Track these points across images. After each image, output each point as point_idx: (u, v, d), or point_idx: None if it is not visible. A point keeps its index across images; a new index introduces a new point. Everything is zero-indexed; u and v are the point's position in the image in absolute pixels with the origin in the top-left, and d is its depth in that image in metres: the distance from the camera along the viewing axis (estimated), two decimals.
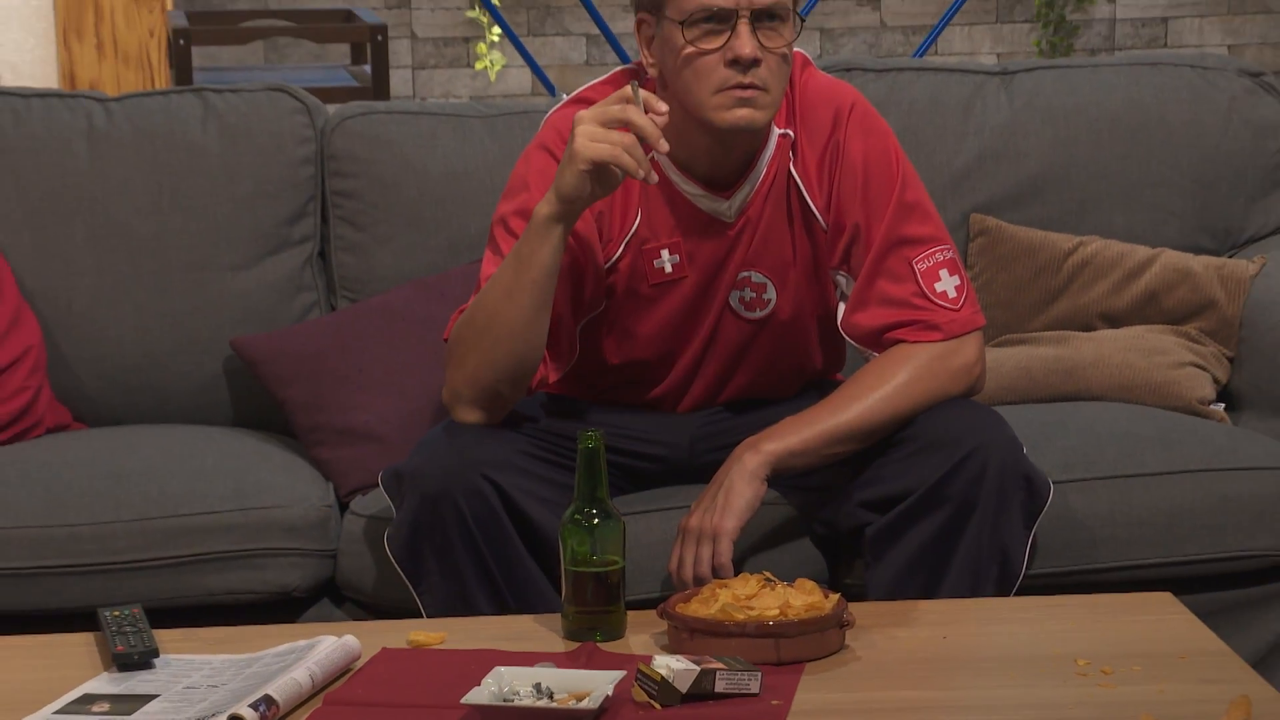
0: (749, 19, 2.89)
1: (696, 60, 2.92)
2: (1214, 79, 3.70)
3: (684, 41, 2.92)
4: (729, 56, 2.90)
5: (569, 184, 2.81)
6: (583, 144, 2.78)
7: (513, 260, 2.89)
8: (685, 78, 2.93)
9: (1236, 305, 3.48)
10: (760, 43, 2.90)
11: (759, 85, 2.91)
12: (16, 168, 3.55)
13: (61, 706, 2.48)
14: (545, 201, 2.85)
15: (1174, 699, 2.44)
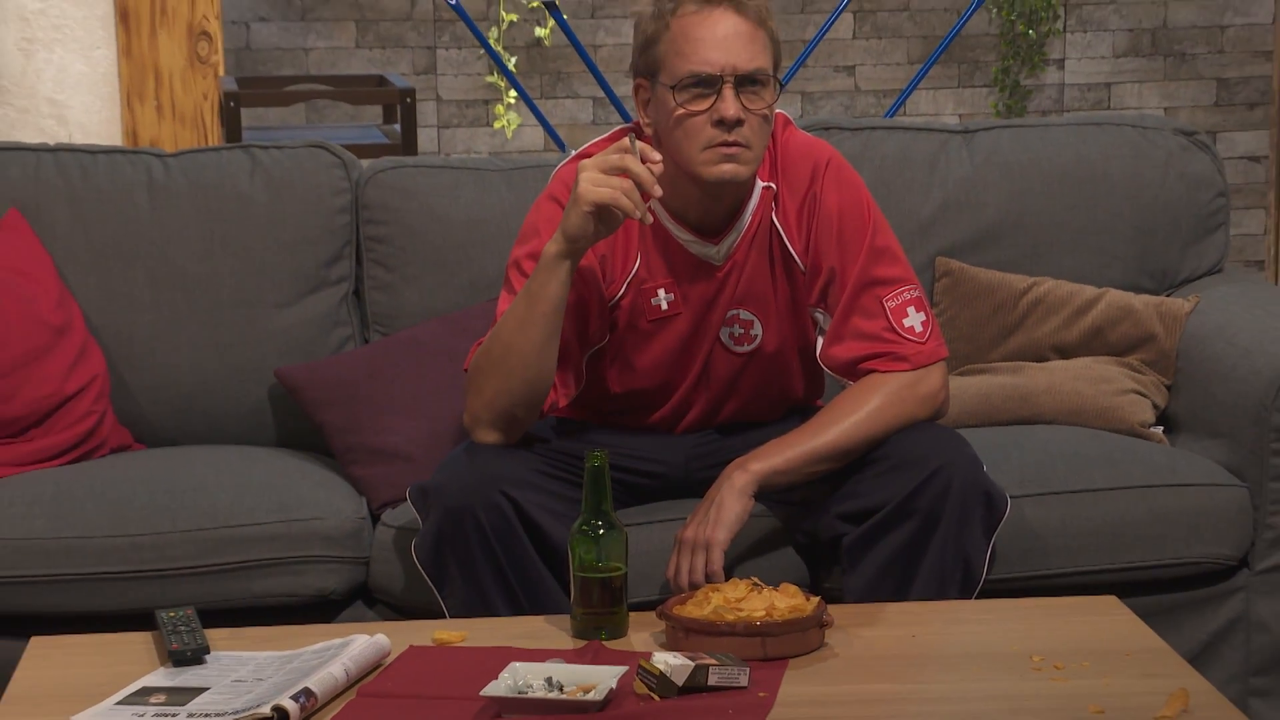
0: (733, 84, 2.90)
1: (686, 120, 2.93)
2: (1152, 137, 3.70)
3: (675, 104, 2.93)
4: (715, 117, 2.91)
5: (574, 224, 2.83)
6: (586, 188, 2.80)
7: (524, 296, 2.90)
8: (677, 136, 2.94)
9: (1173, 339, 3.48)
10: (743, 105, 2.91)
11: (742, 143, 2.92)
12: (84, 216, 3.55)
13: (123, 697, 2.47)
14: (553, 241, 2.86)
15: (1119, 691, 2.43)
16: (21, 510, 3.16)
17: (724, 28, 2.93)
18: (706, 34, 2.92)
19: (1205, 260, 3.69)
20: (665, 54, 2.95)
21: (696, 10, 2.94)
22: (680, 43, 2.94)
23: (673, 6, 2.95)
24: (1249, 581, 3.25)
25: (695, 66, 2.92)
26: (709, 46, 2.92)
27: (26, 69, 5.11)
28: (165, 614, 2.71)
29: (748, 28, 2.94)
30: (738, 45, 2.93)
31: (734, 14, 2.93)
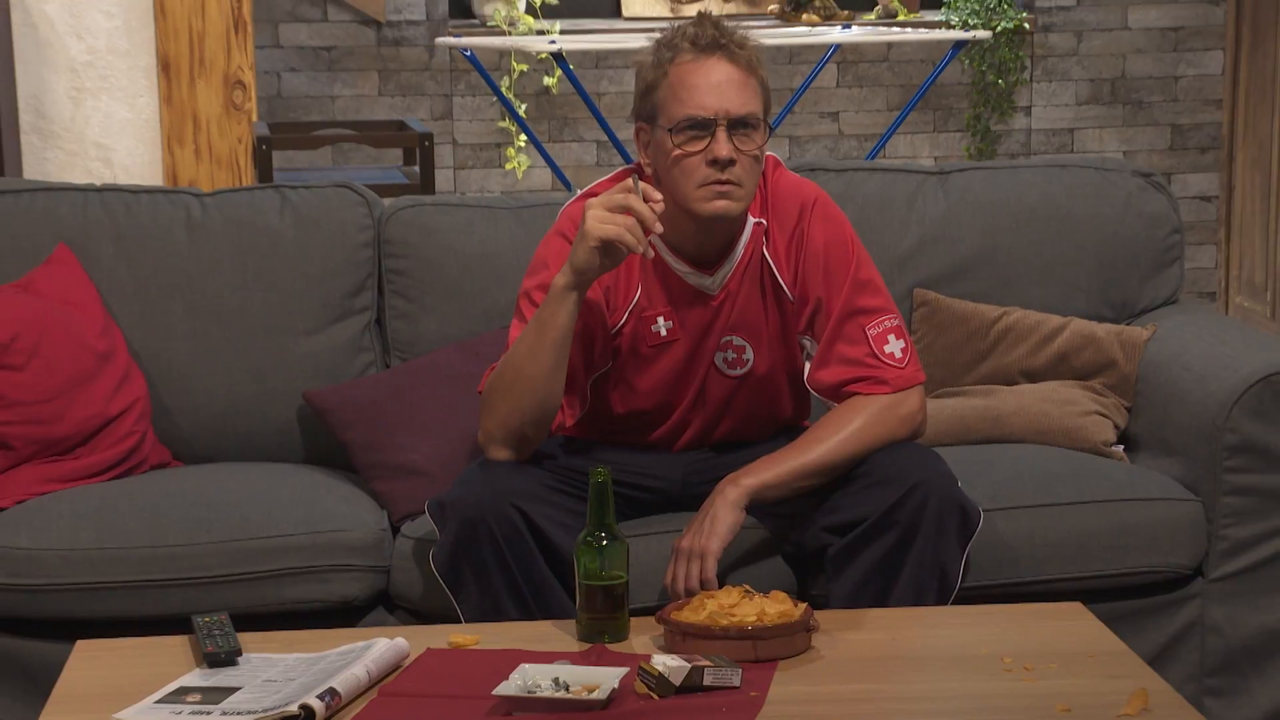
0: (725, 126, 2.91)
1: (683, 160, 2.93)
2: (1113, 178, 3.70)
3: (673, 145, 2.93)
4: (709, 157, 2.91)
5: (582, 258, 2.84)
6: (594, 225, 2.82)
7: (535, 324, 2.90)
8: (674, 175, 2.95)
9: (1133, 364, 3.47)
10: (735, 146, 2.91)
11: (734, 181, 2.92)
12: (127, 251, 3.54)
13: (161, 696, 2.47)
14: (561, 274, 2.88)
15: (1084, 691, 2.44)
16: (68, 523, 3.15)
17: (717, 75, 2.93)
18: (701, 81, 2.93)
19: (1162, 292, 3.69)
20: (664, 99, 2.96)
21: (692, 59, 2.94)
22: (677, 89, 2.94)
23: (670, 55, 2.96)
24: (1204, 589, 3.24)
25: (691, 111, 2.92)
26: (703, 92, 2.92)
27: (75, 115, 5.12)
28: (201, 619, 2.71)
29: (739, 75, 2.94)
30: (730, 91, 2.93)
31: (727, 62, 2.94)
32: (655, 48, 3.00)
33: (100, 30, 5.09)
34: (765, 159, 3.09)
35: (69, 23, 5.07)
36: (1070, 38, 6.74)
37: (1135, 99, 6.78)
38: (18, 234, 3.53)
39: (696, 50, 2.95)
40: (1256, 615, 3.24)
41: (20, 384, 3.28)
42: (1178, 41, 6.75)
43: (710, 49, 2.95)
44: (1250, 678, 3.25)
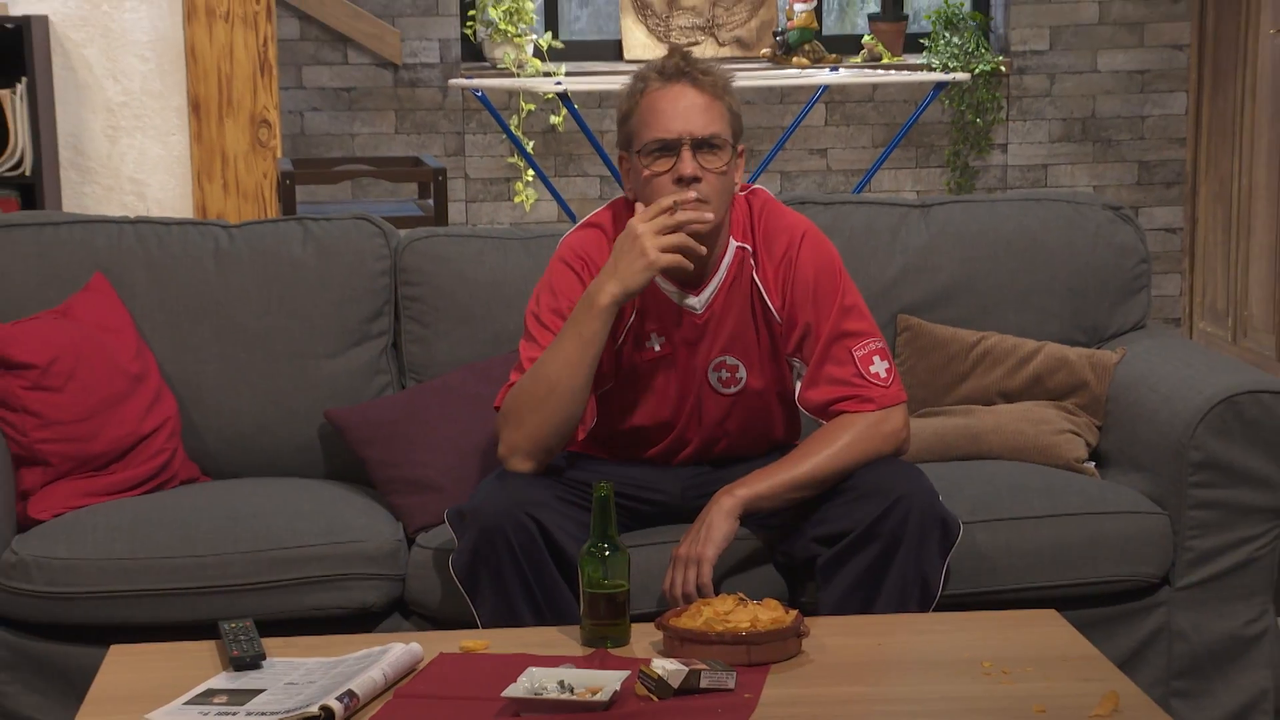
0: (690, 146, 2.93)
1: (653, 180, 2.97)
2: (1084, 211, 3.70)
3: (644, 167, 2.96)
4: (675, 176, 2.93)
5: (639, 280, 2.90)
6: (655, 255, 2.88)
7: (574, 340, 2.92)
8: (646, 195, 2.98)
9: (1104, 386, 3.47)
10: (700, 164, 2.93)
11: (701, 197, 2.92)
12: (160, 279, 3.55)
13: (190, 698, 2.47)
14: (607, 293, 2.91)
15: (1059, 693, 2.43)
16: (104, 534, 3.15)
17: (684, 100, 2.96)
18: (668, 106, 2.96)
19: (1130, 318, 3.69)
20: (637, 126, 2.99)
21: (660, 87, 2.97)
22: (647, 115, 2.97)
23: (642, 86, 3.00)
24: (1170, 597, 3.23)
25: (657, 134, 2.95)
26: (669, 116, 2.95)
27: (112, 152, 5.12)
28: (227, 625, 2.70)
29: (704, 100, 2.97)
30: (694, 114, 2.95)
31: (691, 88, 2.97)
32: (631, 79, 3.03)
33: (135, 73, 5.09)
34: (754, 191, 3.10)
35: (106, 66, 5.08)
36: (1044, 80, 6.75)
37: (1104, 137, 6.79)
38: (57, 263, 3.53)
39: (663, 79, 2.98)
40: (1220, 622, 3.23)
41: (58, 404, 3.28)
42: (1144, 84, 6.76)
43: (676, 77, 2.98)
44: (1214, 681, 3.24)
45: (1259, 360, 5.83)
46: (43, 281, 3.51)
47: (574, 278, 3.03)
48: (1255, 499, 3.19)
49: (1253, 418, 3.17)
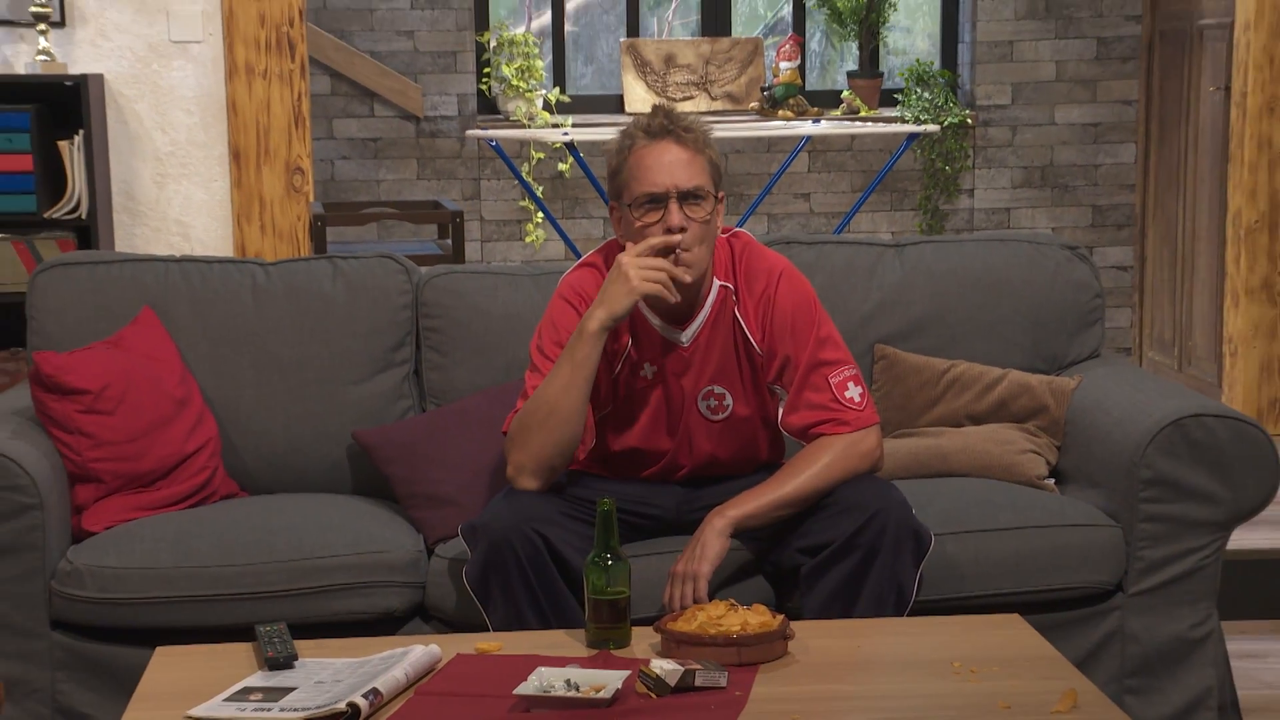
0: (677, 198, 2.93)
1: (644, 230, 2.96)
2: (1044, 251, 3.70)
3: (634, 218, 2.96)
4: (664, 226, 2.94)
5: (623, 306, 2.90)
6: (639, 282, 2.88)
7: (568, 365, 2.91)
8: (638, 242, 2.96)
9: (1062, 409, 3.47)
10: (686, 214, 2.93)
11: (684, 246, 2.93)
12: (202, 312, 3.54)
13: (228, 695, 2.47)
14: (595, 319, 2.91)
15: (1022, 690, 2.43)
16: (150, 545, 3.14)
17: (669, 156, 2.95)
18: (654, 162, 2.95)
19: (1086, 348, 3.68)
20: (626, 180, 2.98)
21: (647, 144, 2.97)
22: (635, 170, 2.96)
23: (630, 143, 2.99)
24: (1123, 602, 3.22)
25: (646, 188, 2.95)
26: (656, 171, 2.95)
27: (159, 197, 5.13)
28: (262, 628, 2.69)
29: (687, 155, 2.96)
30: (679, 169, 2.95)
31: (675, 144, 2.96)
32: (619, 136, 3.03)
33: (181, 125, 5.10)
34: (736, 234, 3.11)
35: (155, 119, 5.09)
36: (1006, 131, 6.76)
37: (1062, 183, 6.80)
38: (109, 298, 3.53)
39: (649, 136, 2.97)
40: (1169, 625, 3.22)
41: (110, 426, 3.27)
42: (1097, 135, 6.77)
43: (660, 134, 2.97)
44: (1164, 679, 3.23)
45: (1202, 386, 5.83)
46: (96, 315, 3.51)
47: (572, 312, 3.04)
48: (1200, 513, 3.18)
49: (1197, 439, 3.16)
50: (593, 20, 6.99)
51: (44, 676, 3.13)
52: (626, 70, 6.70)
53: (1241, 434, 3.17)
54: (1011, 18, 6.67)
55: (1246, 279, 5.43)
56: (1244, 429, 3.17)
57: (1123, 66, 6.71)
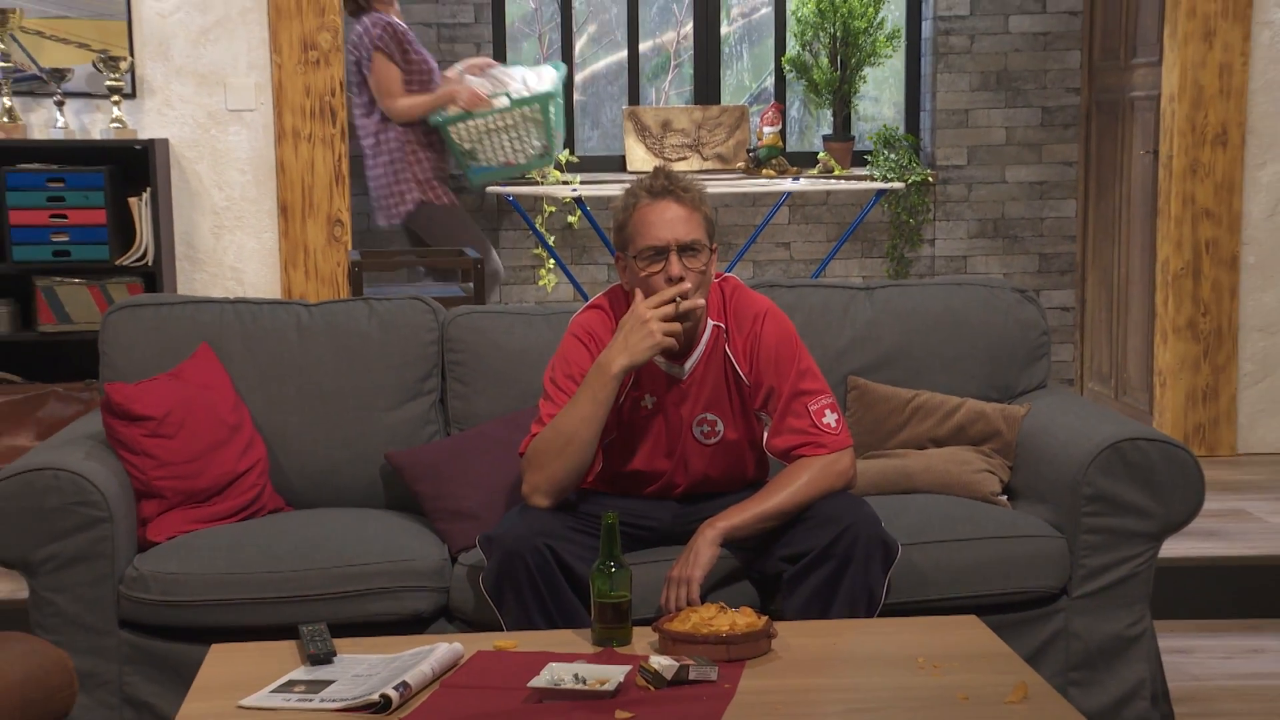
0: (676, 251, 2.93)
1: (648, 279, 2.96)
2: (997, 294, 3.70)
3: (639, 268, 2.96)
4: (666, 275, 2.93)
5: (644, 355, 2.91)
6: (660, 336, 2.89)
7: (589, 401, 2.91)
8: (643, 289, 2.97)
9: (1013, 434, 3.46)
10: (684, 265, 2.93)
11: (684, 295, 2.95)
12: (253, 348, 3.54)
13: (275, 687, 2.46)
14: (618, 364, 2.91)
15: (979, 683, 2.42)
16: (206, 554, 3.13)
17: (670, 213, 2.96)
18: (656, 218, 2.95)
19: (1034, 379, 3.68)
20: (631, 234, 2.98)
21: (650, 202, 2.97)
22: (640, 225, 2.96)
23: (634, 201, 2.99)
24: (1068, 604, 3.21)
25: (650, 241, 2.95)
26: (659, 227, 2.95)
27: (216, 246, 5.13)
28: (305, 628, 2.69)
29: (685, 212, 2.97)
30: (679, 224, 2.95)
31: (675, 203, 2.96)
32: (624, 194, 3.03)
33: (235, 183, 5.11)
34: (726, 279, 3.11)
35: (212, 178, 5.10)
36: (963, 188, 6.77)
37: (1012, 234, 6.80)
38: (171, 335, 3.53)
39: (652, 196, 2.98)
40: (1107, 625, 3.21)
41: (171, 449, 3.27)
42: (1043, 192, 6.78)
43: (662, 194, 2.97)
44: (1103, 672, 3.22)
45: (1136, 413, 5.83)
46: (160, 350, 3.51)
47: (582, 348, 3.04)
48: (1135, 525, 3.18)
49: (1132, 460, 3.16)
50: (599, 90, 7.01)
51: (112, 670, 3.12)
52: (628, 134, 6.72)
53: (1171, 456, 3.16)
54: (967, 89, 6.69)
55: (1174, 319, 5.43)
56: (1173, 452, 3.16)
57: (1064, 132, 6.72)
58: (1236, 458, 5.41)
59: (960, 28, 6.66)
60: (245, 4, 5.03)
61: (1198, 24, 5.27)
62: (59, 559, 3.08)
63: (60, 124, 4.91)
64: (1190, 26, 5.28)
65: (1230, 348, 5.42)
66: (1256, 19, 5.27)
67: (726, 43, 6.92)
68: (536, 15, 6.88)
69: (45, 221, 4.74)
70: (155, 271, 4.83)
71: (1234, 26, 5.26)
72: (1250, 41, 5.27)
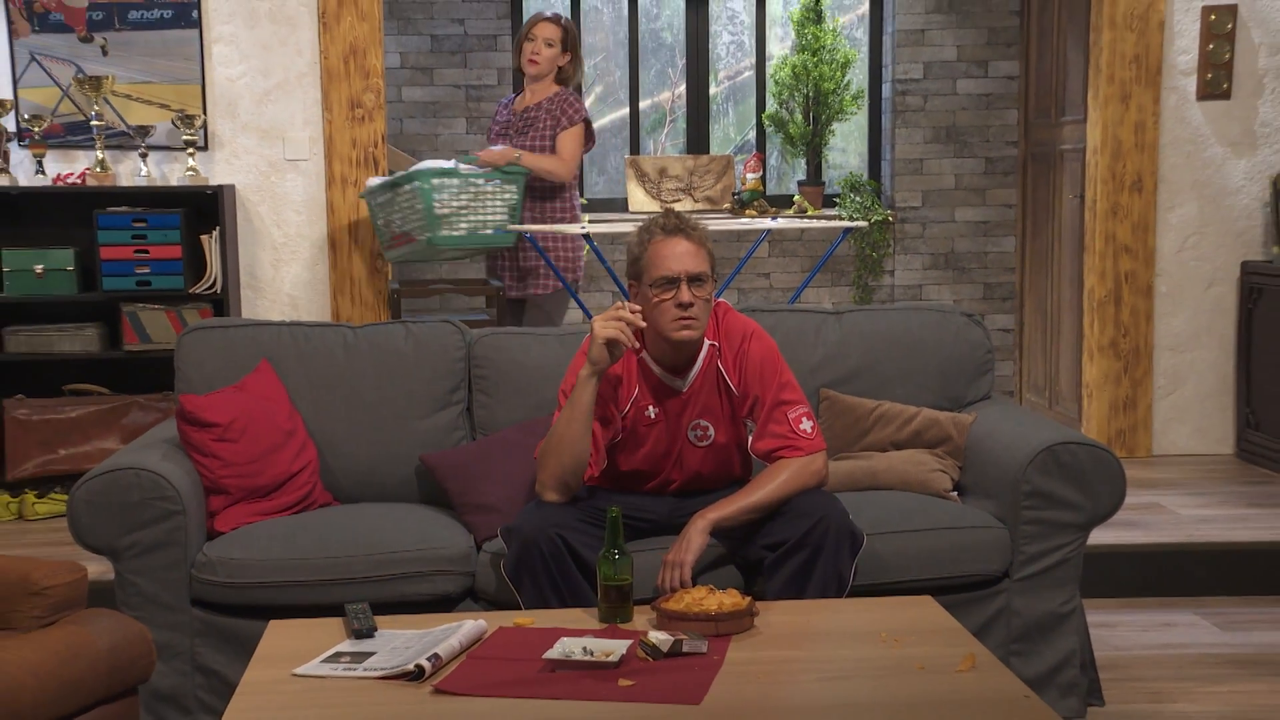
0: (686, 281, 2.91)
1: (660, 305, 2.94)
2: (948, 317, 3.68)
3: (652, 295, 2.94)
4: (676, 301, 2.92)
5: (595, 353, 2.86)
6: (599, 329, 2.85)
7: (569, 405, 2.90)
8: (655, 314, 2.95)
9: (962, 438, 3.44)
10: (692, 293, 2.92)
11: (693, 317, 2.94)
12: (305, 364, 3.52)
13: (324, 658, 2.45)
14: (582, 372, 2.88)
15: (933, 655, 2.40)
16: (265, 541, 3.11)
17: (681, 248, 2.94)
18: (669, 252, 2.94)
19: (980, 391, 3.66)
20: (646, 265, 2.96)
21: (663, 238, 2.96)
22: (654, 258, 2.95)
23: (649, 236, 2.98)
24: (1009, 586, 3.18)
25: (663, 272, 2.93)
26: (671, 260, 2.93)
27: (275, 277, 5.12)
28: (350, 606, 2.66)
29: (693, 247, 2.95)
30: (688, 258, 2.94)
31: (684, 239, 2.95)
32: (639, 231, 3.01)
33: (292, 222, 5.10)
34: (718, 304, 3.09)
35: (272, 217, 5.09)
36: (919, 226, 6.76)
37: (960, 266, 6.79)
38: (236, 353, 3.51)
39: (665, 233, 2.96)
40: (1043, 604, 3.18)
41: (236, 451, 3.25)
42: (986, 230, 6.77)
43: (674, 231, 2.96)
44: (1040, 644, 3.20)
45: (1067, 420, 5.81)
46: (226, 366, 3.49)
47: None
48: (1067, 518, 3.15)
49: (1065, 461, 3.13)
50: (604, 141, 7.00)
51: (185, 642, 3.10)
52: (630, 179, 6.71)
53: (1097, 458, 3.14)
54: (921, 141, 6.69)
55: (1099, 339, 5.43)
56: (1099, 454, 3.14)
57: (1005, 179, 6.71)
58: (1152, 459, 5.40)
59: (915, 89, 6.66)
60: (301, 69, 5.03)
61: (1116, 89, 5.29)
62: (140, 546, 3.05)
63: (143, 173, 4.91)
64: (1110, 90, 5.29)
65: (1146, 364, 5.41)
66: (1165, 85, 5.29)
67: (715, 101, 6.92)
68: None
69: (130, 256, 4.74)
70: (223, 298, 4.82)
71: (1146, 91, 5.28)
72: (1160, 104, 5.29)
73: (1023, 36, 6.57)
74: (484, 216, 4.72)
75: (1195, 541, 4.15)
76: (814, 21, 6.61)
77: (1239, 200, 5.37)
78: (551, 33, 4.85)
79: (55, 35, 4.91)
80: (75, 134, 4.97)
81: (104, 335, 4.86)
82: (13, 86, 4.93)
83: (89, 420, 4.76)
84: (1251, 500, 4.66)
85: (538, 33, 4.85)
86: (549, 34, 4.85)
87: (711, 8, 6.77)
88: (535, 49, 4.85)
